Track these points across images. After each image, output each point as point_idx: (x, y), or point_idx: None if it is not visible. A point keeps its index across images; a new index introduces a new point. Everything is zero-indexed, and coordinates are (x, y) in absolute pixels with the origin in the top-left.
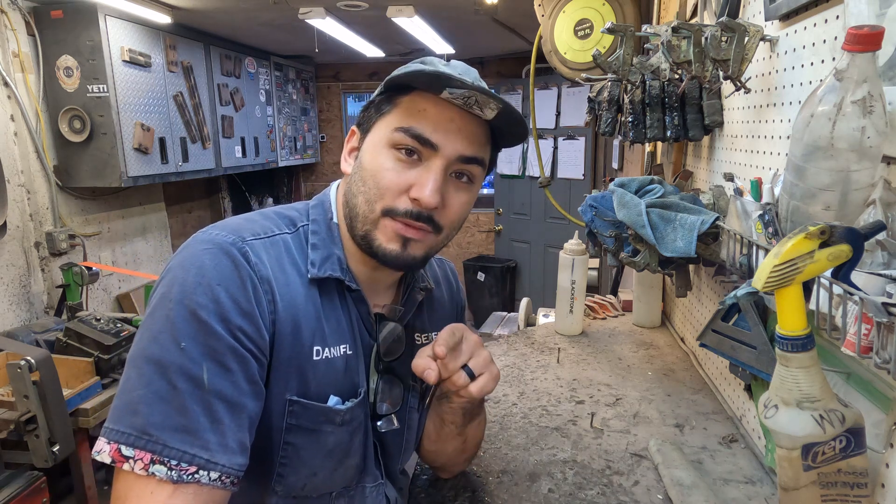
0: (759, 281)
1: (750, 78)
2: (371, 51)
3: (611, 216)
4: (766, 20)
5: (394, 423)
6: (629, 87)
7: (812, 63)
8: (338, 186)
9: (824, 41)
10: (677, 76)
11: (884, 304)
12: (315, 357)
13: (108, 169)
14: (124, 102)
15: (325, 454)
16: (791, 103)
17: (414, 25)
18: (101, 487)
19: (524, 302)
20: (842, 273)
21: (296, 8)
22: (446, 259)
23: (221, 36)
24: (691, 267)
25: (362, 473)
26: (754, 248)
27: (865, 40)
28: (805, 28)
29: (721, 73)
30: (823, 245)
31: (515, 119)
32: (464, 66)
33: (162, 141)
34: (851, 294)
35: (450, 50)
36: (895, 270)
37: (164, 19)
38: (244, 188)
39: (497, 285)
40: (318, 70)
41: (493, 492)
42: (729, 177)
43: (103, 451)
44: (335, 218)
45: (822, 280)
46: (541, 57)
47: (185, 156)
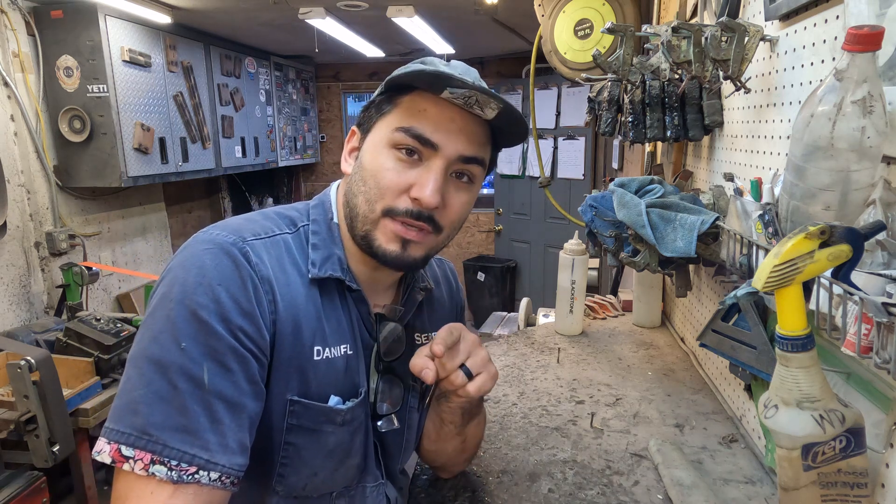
0: (759, 281)
1: (750, 78)
2: (371, 51)
3: (611, 216)
4: (766, 20)
5: (394, 423)
6: (629, 87)
7: (812, 63)
8: (338, 186)
9: (824, 41)
10: (677, 76)
11: (884, 304)
12: (316, 357)
13: (108, 169)
14: (124, 102)
15: (326, 454)
16: (791, 103)
17: (414, 25)
18: (101, 487)
19: (524, 302)
20: (842, 273)
21: (296, 8)
22: (446, 259)
23: (221, 36)
24: (691, 267)
25: (363, 473)
26: (754, 248)
27: (865, 40)
28: (805, 28)
29: (721, 73)
30: (823, 245)
31: (516, 119)
32: (464, 66)
33: (162, 141)
34: (851, 294)
35: (450, 50)
36: (895, 270)
37: (164, 19)
38: (244, 188)
39: (497, 285)
40: (318, 70)
41: (493, 492)
42: (729, 177)
43: (103, 451)
44: (335, 218)
45: (822, 280)
46: (541, 57)
47: (185, 156)
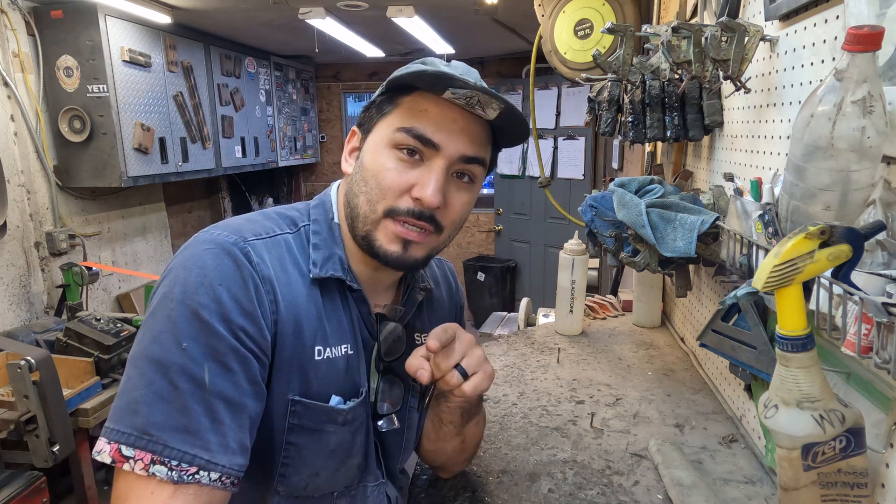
0: (759, 281)
1: (750, 78)
2: (371, 51)
3: (611, 216)
4: (766, 20)
5: (394, 423)
6: (629, 87)
7: (812, 63)
8: (338, 186)
9: (824, 41)
10: (677, 76)
11: (884, 304)
12: (317, 357)
13: (108, 169)
14: (124, 102)
15: (328, 454)
16: (791, 103)
17: (414, 25)
18: (101, 487)
19: (524, 302)
20: (842, 273)
21: (296, 8)
22: (445, 259)
23: (221, 36)
24: (691, 267)
25: (364, 473)
26: (754, 248)
27: (865, 40)
28: (805, 28)
29: (721, 73)
30: (823, 245)
31: (517, 119)
32: (465, 67)
33: (162, 141)
34: (851, 294)
35: (450, 50)
36: (895, 270)
37: (164, 19)
38: (244, 188)
39: (497, 285)
40: (318, 70)
41: (493, 492)
42: (729, 177)
43: (103, 451)
44: (336, 218)
45: (822, 280)
46: (541, 57)
47: (185, 156)
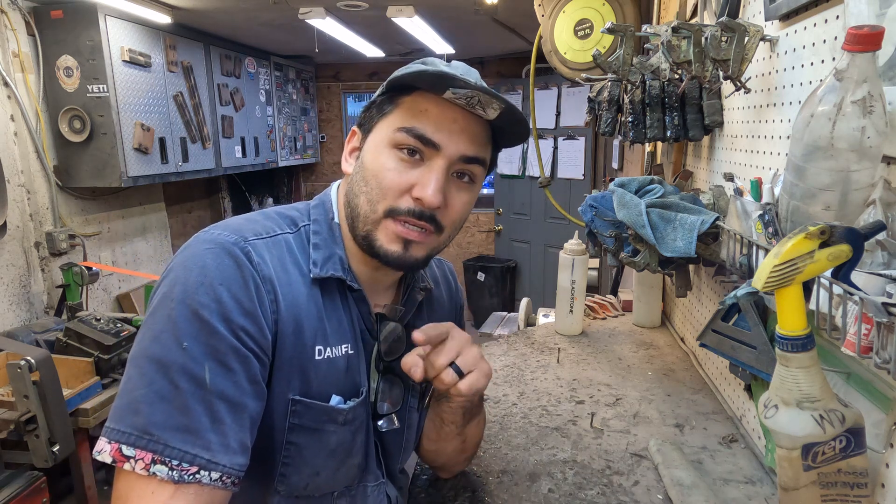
0: (759, 281)
1: (750, 78)
2: (371, 51)
3: (611, 216)
4: (766, 20)
5: (394, 423)
6: (629, 87)
7: (812, 63)
8: (338, 186)
9: (824, 41)
10: (677, 76)
11: (884, 304)
12: (317, 357)
13: (108, 169)
14: (124, 102)
15: (328, 454)
16: (791, 103)
17: (414, 25)
18: (101, 487)
19: (524, 302)
20: (842, 273)
21: (296, 8)
22: (445, 259)
23: (221, 36)
24: (691, 267)
25: (364, 473)
26: (754, 248)
27: (865, 40)
28: (805, 28)
29: (721, 73)
30: (823, 245)
31: (517, 119)
32: (465, 67)
33: (162, 141)
34: (851, 294)
35: (450, 50)
36: (895, 270)
37: (164, 19)
38: (244, 188)
39: (497, 285)
40: (318, 70)
41: (493, 492)
42: (729, 177)
43: (104, 451)
44: (336, 218)
45: (822, 280)
46: (541, 57)
47: (185, 156)
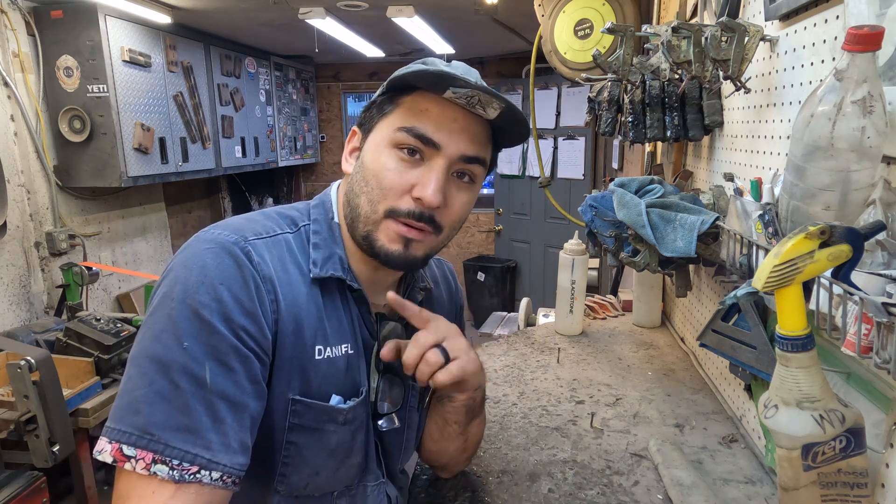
0: (759, 281)
1: (750, 78)
2: (371, 51)
3: (611, 216)
4: (766, 20)
5: (395, 422)
6: (629, 87)
7: (812, 63)
8: (338, 186)
9: (824, 41)
10: (677, 76)
11: (884, 304)
12: (317, 356)
13: (108, 169)
14: (124, 102)
15: (328, 453)
16: (791, 103)
17: (414, 25)
18: (101, 487)
19: (524, 302)
20: (842, 273)
21: (296, 8)
22: (445, 259)
23: (221, 36)
24: (691, 267)
25: (364, 472)
26: (754, 248)
27: (865, 40)
28: (805, 28)
29: (721, 73)
30: (823, 245)
31: (517, 118)
32: (465, 67)
33: (162, 141)
34: (851, 294)
35: (450, 50)
36: (895, 270)
37: (164, 19)
38: (244, 188)
39: (497, 285)
40: (318, 70)
41: (493, 492)
42: (729, 177)
43: (105, 451)
44: (336, 217)
45: (822, 280)
46: (541, 57)
47: (185, 156)
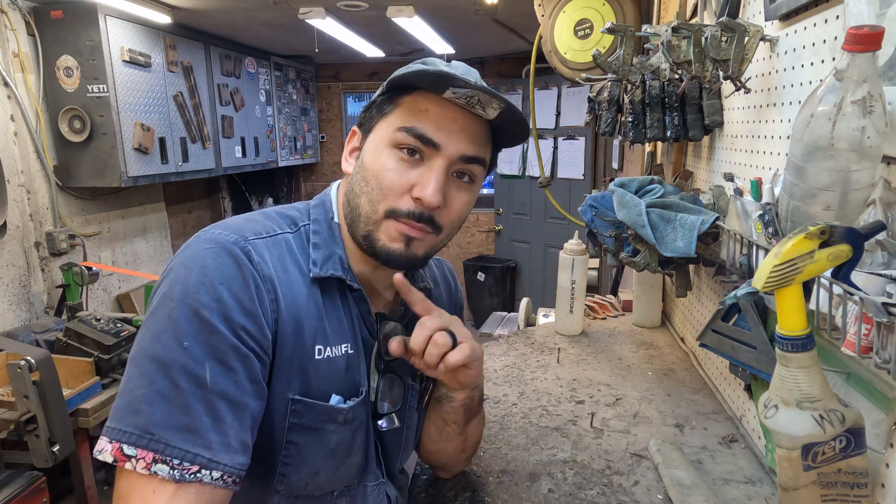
0: (759, 281)
1: (750, 78)
2: (371, 51)
3: (611, 216)
4: (766, 20)
5: (394, 422)
6: (629, 87)
7: (812, 63)
8: (338, 186)
9: (824, 41)
10: (677, 76)
11: (884, 304)
12: (317, 356)
13: (108, 169)
14: (124, 102)
15: (328, 453)
16: (791, 103)
17: (414, 25)
18: (101, 487)
19: (524, 302)
20: (842, 273)
21: (296, 8)
22: (444, 259)
23: (221, 36)
24: (691, 267)
25: (364, 472)
26: (754, 248)
27: (865, 40)
28: (805, 28)
29: (721, 73)
30: (823, 245)
31: (517, 119)
32: (465, 67)
33: (162, 141)
34: (851, 294)
35: (450, 50)
36: (895, 270)
37: (164, 19)
38: (244, 188)
39: (497, 285)
40: (318, 70)
41: (493, 492)
42: (729, 177)
43: (105, 451)
44: (336, 217)
45: (822, 280)
46: (541, 57)
47: (185, 156)
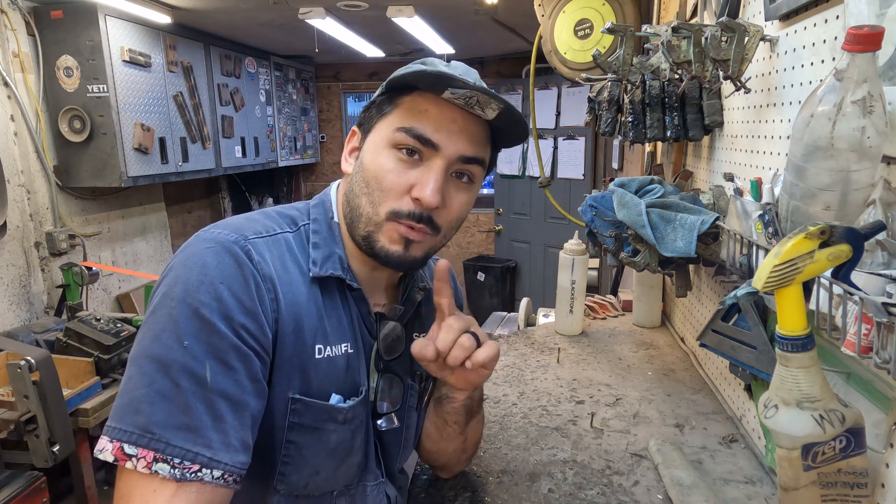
0: (759, 281)
1: (750, 78)
2: (371, 51)
3: (611, 216)
4: (766, 20)
5: (394, 422)
6: (629, 87)
7: (812, 63)
8: (338, 186)
9: (824, 41)
10: (677, 76)
11: (884, 304)
12: (317, 356)
13: (108, 169)
14: (124, 102)
15: (328, 453)
16: (791, 103)
17: (414, 25)
18: (101, 487)
19: (524, 302)
20: (842, 273)
21: (296, 8)
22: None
23: (221, 36)
24: (691, 267)
25: (363, 472)
26: (754, 248)
27: (865, 40)
28: (805, 28)
29: (721, 73)
30: (823, 245)
31: (516, 119)
32: (464, 67)
33: (162, 141)
34: (851, 294)
35: (450, 50)
36: (895, 270)
37: (164, 19)
38: (244, 188)
39: (497, 285)
40: (318, 70)
41: (493, 492)
42: (729, 177)
43: (106, 450)
44: (336, 217)
45: (822, 280)
46: (541, 57)
47: (185, 156)
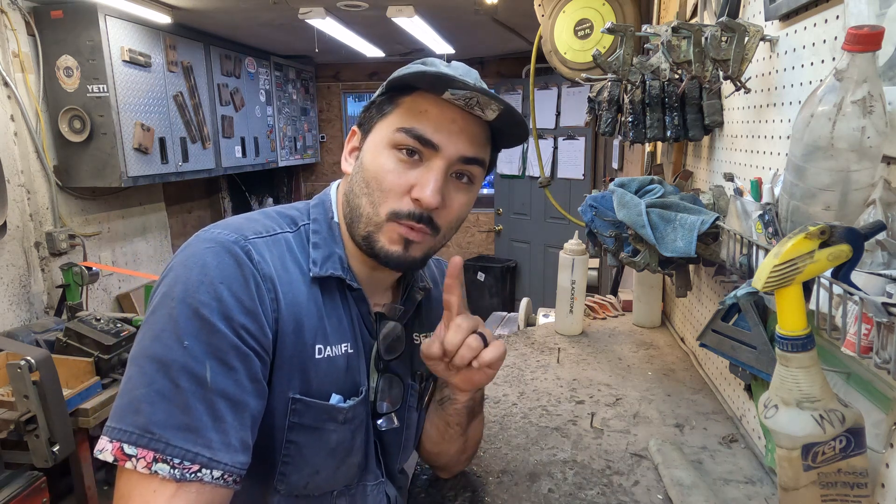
0: (759, 281)
1: (750, 78)
2: (371, 51)
3: (611, 216)
4: (766, 20)
5: (394, 422)
6: (629, 87)
7: (812, 63)
8: (338, 186)
9: (824, 41)
10: (677, 76)
11: (884, 304)
12: (317, 355)
13: (108, 169)
14: (124, 102)
15: (328, 452)
16: (791, 103)
17: (414, 25)
18: (101, 487)
19: (524, 302)
20: (842, 273)
21: (296, 8)
22: (444, 259)
23: (221, 36)
24: (691, 267)
25: (363, 472)
26: (754, 248)
27: (865, 40)
28: (805, 28)
29: (721, 73)
30: (823, 245)
31: (516, 120)
32: (465, 68)
33: (162, 141)
34: (851, 294)
35: (450, 50)
36: (895, 270)
37: (164, 19)
38: (244, 188)
39: (497, 285)
40: (318, 70)
41: (493, 492)
42: (729, 177)
43: (105, 450)
44: (336, 217)
45: (822, 280)
46: (541, 57)
47: (185, 156)
